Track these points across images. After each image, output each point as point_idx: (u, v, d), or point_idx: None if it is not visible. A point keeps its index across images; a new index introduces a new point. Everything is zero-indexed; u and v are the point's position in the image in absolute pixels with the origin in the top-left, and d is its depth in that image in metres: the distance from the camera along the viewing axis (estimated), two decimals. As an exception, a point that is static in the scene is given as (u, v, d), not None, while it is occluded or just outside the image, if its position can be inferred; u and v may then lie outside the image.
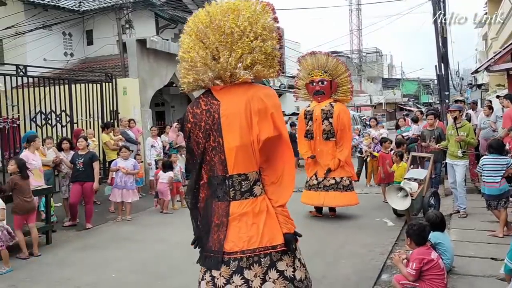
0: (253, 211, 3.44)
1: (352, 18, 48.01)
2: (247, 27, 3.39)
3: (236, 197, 3.46)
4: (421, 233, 4.17)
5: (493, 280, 4.59)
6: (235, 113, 3.42)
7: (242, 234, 3.39)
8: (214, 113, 3.43)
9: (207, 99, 3.52)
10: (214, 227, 3.47)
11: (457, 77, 37.38)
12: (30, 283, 5.35)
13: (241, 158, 3.43)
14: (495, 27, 19.45)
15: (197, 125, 3.47)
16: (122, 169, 8.31)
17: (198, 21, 3.49)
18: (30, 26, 14.63)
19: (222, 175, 3.47)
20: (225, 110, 3.42)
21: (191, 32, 3.54)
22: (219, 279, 3.36)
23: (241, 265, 3.34)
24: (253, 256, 3.36)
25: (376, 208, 8.46)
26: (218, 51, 3.42)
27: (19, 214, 6.22)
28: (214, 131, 3.43)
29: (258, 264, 3.36)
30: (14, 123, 9.11)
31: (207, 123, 3.44)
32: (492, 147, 6.26)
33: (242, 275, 3.32)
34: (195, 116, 3.50)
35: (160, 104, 17.79)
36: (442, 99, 12.16)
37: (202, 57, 3.41)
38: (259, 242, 3.38)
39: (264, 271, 3.36)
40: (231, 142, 3.40)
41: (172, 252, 6.37)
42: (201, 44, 3.46)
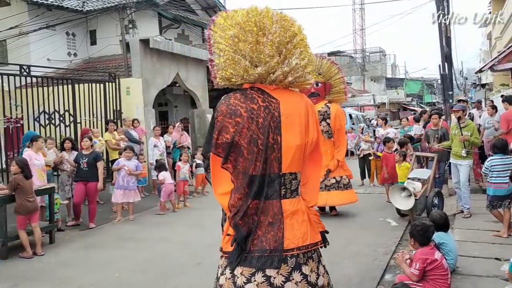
0: (301, 209, 3.53)
1: (356, 18, 47.94)
2: (303, 38, 3.58)
3: (286, 195, 3.49)
4: (425, 234, 4.16)
5: (497, 281, 4.57)
6: (295, 114, 3.49)
7: (295, 231, 3.43)
8: (274, 110, 3.42)
9: (264, 96, 3.48)
10: (267, 226, 3.43)
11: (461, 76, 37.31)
12: (33, 283, 5.35)
13: (296, 158, 3.49)
14: (499, 27, 19.39)
15: (254, 121, 3.37)
16: (125, 170, 8.31)
17: (262, 18, 3.44)
18: (34, 26, 14.68)
19: (276, 173, 3.45)
20: (285, 109, 3.44)
21: (252, 26, 3.42)
22: (277, 278, 3.33)
23: (298, 261, 3.39)
24: (307, 252, 3.45)
25: (380, 208, 8.44)
26: (287, 51, 3.47)
27: (22, 214, 6.23)
28: (273, 129, 3.40)
29: (312, 260, 3.47)
30: (18, 123, 9.14)
31: (265, 120, 3.39)
32: (496, 147, 6.23)
33: (300, 271, 3.37)
34: (251, 111, 3.39)
35: (163, 104, 17.81)
36: (446, 99, 12.11)
37: (273, 54, 3.41)
38: (309, 238, 3.47)
39: (316, 266, 3.50)
40: (291, 141, 3.43)
41: (175, 252, 6.37)
42: (268, 41, 3.41)
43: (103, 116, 10.89)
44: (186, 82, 13.30)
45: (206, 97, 14.46)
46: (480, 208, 7.18)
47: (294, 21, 3.60)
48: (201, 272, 5.40)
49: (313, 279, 3.41)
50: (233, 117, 3.37)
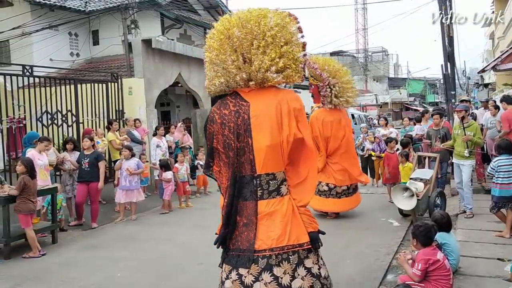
0: (280, 210, 3.52)
1: (358, 18, 47.92)
2: (278, 32, 3.52)
3: (263, 196, 3.54)
4: (427, 234, 4.15)
5: (499, 281, 4.55)
6: (265, 114, 3.52)
7: (270, 232, 3.47)
8: (244, 113, 3.51)
9: (236, 101, 3.60)
10: (242, 227, 3.53)
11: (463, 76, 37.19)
12: (36, 283, 5.36)
13: (270, 158, 3.51)
14: (502, 26, 19.33)
15: (226, 126, 3.52)
16: (126, 170, 8.32)
17: (229, 26, 3.56)
18: (37, 26, 14.71)
19: (250, 174, 3.52)
20: (254, 110, 3.51)
21: (221, 35, 3.58)
22: (247, 277, 3.43)
23: (270, 262, 3.42)
24: (282, 254, 3.45)
25: (382, 208, 8.43)
26: (251, 55, 3.52)
27: (24, 213, 6.24)
28: (243, 131, 3.49)
29: (287, 262, 3.45)
30: (20, 123, 9.15)
31: (236, 124, 3.50)
32: (501, 147, 6.21)
33: (271, 272, 3.40)
34: (223, 117, 3.55)
35: (166, 104, 17.82)
36: (448, 99, 12.10)
37: (234, 60, 3.51)
38: (287, 240, 3.47)
39: (293, 268, 3.46)
40: (261, 142, 3.48)
41: (177, 251, 6.38)
42: (232, 48, 3.54)
43: (105, 116, 10.90)
44: (188, 82, 13.31)
45: (208, 97, 14.47)
46: (482, 209, 7.16)
47: (274, 15, 3.59)
48: (203, 272, 5.41)
49: (285, 281, 3.40)
50: (212, 124, 3.61)
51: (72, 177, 8.29)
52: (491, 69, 13.76)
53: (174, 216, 8.79)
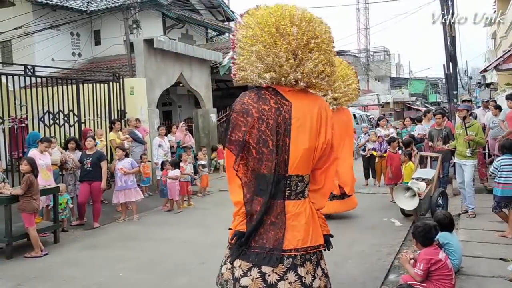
0: (305, 211, 3.56)
1: (360, 17, 47.85)
2: (326, 38, 3.56)
3: (290, 197, 3.55)
4: (426, 234, 4.14)
5: (501, 281, 4.55)
6: (307, 117, 3.50)
7: (296, 232, 3.49)
8: (285, 113, 3.46)
9: (276, 98, 3.51)
10: (269, 225, 3.52)
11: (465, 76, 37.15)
12: (38, 282, 5.37)
13: (303, 161, 3.51)
14: (504, 26, 19.29)
15: (264, 122, 3.44)
16: (121, 170, 8.33)
17: (284, 21, 3.45)
18: (39, 26, 14.75)
19: (281, 174, 3.50)
20: (296, 112, 3.47)
21: (272, 29, 3.44)
22: (271, 276, 3.43)
23: (295, 262, 3.46)
24: (305, 254, 3.50)
25: (384, 208, 8.42)
26: (303, 56, 3.46)
27: (27, 212, 6.25)
28: (282, 131, 3.44)
29: (310, 262, 3.52)
30: (23, 123, 9.18)
31: (276, 122, 3.43)
32: (505, 147, 6.20)
33: (296, 272, 3.44)
34: (262, 111, 3.45)
35: (167, 104, 17.84)
36: (450, 98, 12.07)
37: (288, 58, 3.43)
38: (310, 241, 3.52)
39: (314, 269, 3.54)
40: (299, 144, 3.46)
41: (179, 251, 6.38)
42: (286, 45, 3.43)
43: (107, 116, 10.92)
44: (190, 82, 13.32)
45: (210, 97, 14.47)
46: (484, 208, 7.15)
47: (319, 22, 3.58)
48: (205, 272, 5.40)
49: (308, 281, 3.46)
50: (245, 116, 3.45)
51: (74, 176, 8.30)
52: (493, 69, 13.74)
53: (176, 216, 8.79)
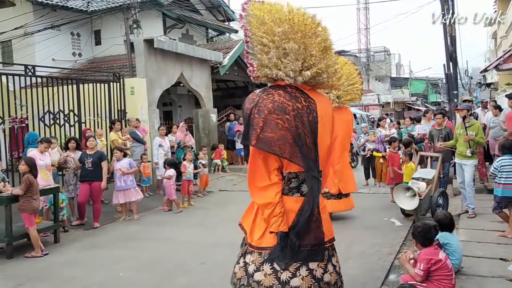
0: (325, 205, 3.78)
1: (360, 17, 47.83)
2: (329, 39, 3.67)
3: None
4: (426, 234, 4.13)
5: (501, 281, 4.54)
6: (327, 115, 3.65)
7: (326, 225, 3.66)
8: (313, 111, 3.51)
9: (304, 96, 3.52)
10: (314, 222, 3.55)
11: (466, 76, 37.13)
12: (38, 282, 5.37)
13: (325, 157, 3.67)
14: (504, 26, 19.28)
15: (300, 120, 3.41)
16: (119, 171, 8.33)
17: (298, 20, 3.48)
18: (39, 26, 14.74)
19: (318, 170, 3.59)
20: (320, 110, 3.56)
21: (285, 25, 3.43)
22: (317, 271, 3.53)
23: (329, 253, 3.64)
24: (332, 246, 3.71)
25: (384, 208, 8.42)
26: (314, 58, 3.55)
27: (28, 212, 6.25)
28: (313, 129, 3.49)
29: (335, 251, 3.76)
30: (23, 123, 9.18)
31: (308, 119, 3.45)
32: (506, 147, 6.20)
33: (331, 262, 3.63)
34: (297, 110, 3.41)
35: (168, 104, 17.83)
36: (451, 98, 12.07)
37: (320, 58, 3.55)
38: (331, 232, 3.73)
39: (325, 264, 3.63)
40: (324, 141, 3.60)
41: (179, 251, 6.38)
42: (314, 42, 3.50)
43: (108, 116, 10.92)
44: (190, 82, 13.32)
45: (210, 97, 14.47)
46: (485, 208, 7.15)
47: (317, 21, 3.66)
48: (205, 272, 5.41)
49: (318, 274, 3.56)
50: (282, 114, 3.36)
51: (75, 176, 8.30)
52: (494, 69, 13.73)
53: (176, 215, 8.79)
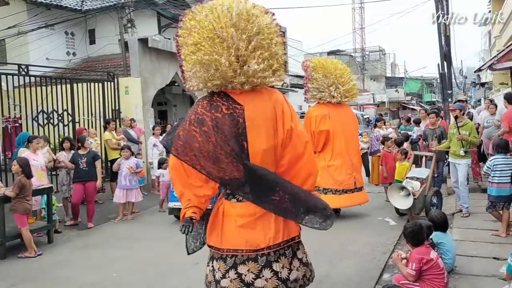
0: None
1: (355, 17, 47.90)
2: (269, 32, 3.49)
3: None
4: (416, 235, 4.14)
5: (495, 280, 4.56)
6: (261, 117, 3.48)
7: (267, 231, 3.54)
8: (239, 117, 3.43)
9: (228, 103, 3.47)
10: (239, 227, 3.55)
11: (460, 75, 37.27)
12: (31, 282, 5.35)
13: (265, 162, 3.51)
14: (498, 26, 19.36)
15: (219, 129, 3.39)
16: (130, 169, 8.31)
17: (221, 24, 3.36)
18: (33, 25, 14.67)
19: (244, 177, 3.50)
20: (250, 114, 3.45)
21: (210, 34, 3.36)
22: (283, 272, 3.55)
23: (269, 259, 3.53)
24: (279, 250, 3.57)
25: (378, 208, 8.43)
26: (246, 57, 3.42)
27: (20, 213, 6.21)
28: (239, 135, 3.42)
29: (284, 256, 3.59)
30: (16, 122, 9.14)
31: (230, 127, 3.40)
32: (500, 146, 6.22)
33: (271, 268, 3.52)
34: (216, 120, 3.40)
35: (163, 103, 17.80)
36: (445, 98, 12.11)
37: (231, 63, 3.36)
38: (282, 236, 3.58)
39: (289, 262, 3.62)
40: (257, 146, 3.46)
41: (173, 251, 6.34)
42: (227, 49, 3.36)
43: (102, 115, 10.88)
44: (185, 81, 13.27)
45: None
46: (479, 207, 7.18)
47: (261, 14, 3.51)
48: (200, 272, 5.36)
49: (284, 275, 3.55)
50: (200, 126, 3.41)
51: (69, 177, 8.26)
52: (488, 68, 13.76)
53: (171, 215, 8.75)
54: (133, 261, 5.99)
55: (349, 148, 7.93)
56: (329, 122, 7.75)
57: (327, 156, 7.80)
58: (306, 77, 7.82)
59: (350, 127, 8.11)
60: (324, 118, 7.75)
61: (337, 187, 7.66)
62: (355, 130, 8.42)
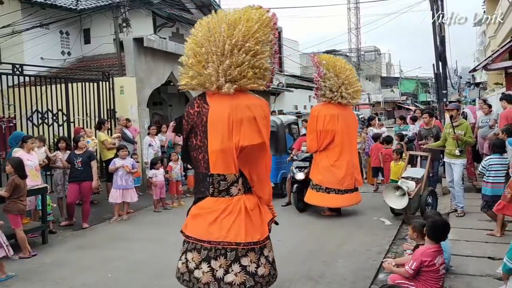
0: (226, 208, 3.82)
1: (351, 17, 47.99)
2: (239, 41, 3.71)
3: (214, 194, 3.85)
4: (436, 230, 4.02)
5: (490, 280, 4.57)
6: (219, 119, 3.77)
7: (212, 227, 3.79)
8: (203, 115, 3.81)
9: (200, 102, 3.89)
10: (193, 215, 4.00)
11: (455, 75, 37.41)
12: (26, 283, 5.32)
13: (220, 161, 3.79)
14: (493, 26, 19.42)
15: (189, 124, 3.89)
16: (127, 167, 8.29)
17: (200, 30, 3.86)
18: (27, 24, 14.56)
19: (205, 172, 3.85)
20: (212, 114, 3.78)
21: (194, 38, 3.90)
22: (251, 266, 3.77)
23: (209, 254, 3.77)
24: (220, 249, 3.76)
25: (374, 207, 8.44)
26: (208, 62, 3.78)
27: (14, 214, 6.16)
28: (202, 132, 3.81)
29: (224, 257, 3.75)
30: (11, 122, 9.08)
31: (196, 124, 3.84)
32: (496, 146, 6.24)
33: (209, 263, 3.75)
34: (188, 115, 3.89)
35: (158, 103, 17.74)
36: (440, 98, 12.15)
37: (194, 64, 3.82)
38: (224, 237, 3.76)
39: (257, 258, 3.81)
40: (214, 145, 3.78)
41: (169, 251, 6.31)
42: (198, 52, 3.83)
43: (97, 115, 10.83)
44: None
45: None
46: (473, 207, 7.20)
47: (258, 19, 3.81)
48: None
49: (252, 269, 3.77)
50: (185, 119, 3.95)
51: (64, 176, 8.22)
52: (482, 69, 13.82)
53: (166, 215, 8.75)
54: (128, 261, 5.97)
55: (351, 149, 8.04)
56: (338, 123, 7.81)
57: (332, 156, 7.85)
58: (318, 74, 7.72)
59: (353, 128, 8.25)
60: (333, 118, 7.82)
61: (339, 187, 7.73)
62: (356, 131, 8.60)
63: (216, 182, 3.83)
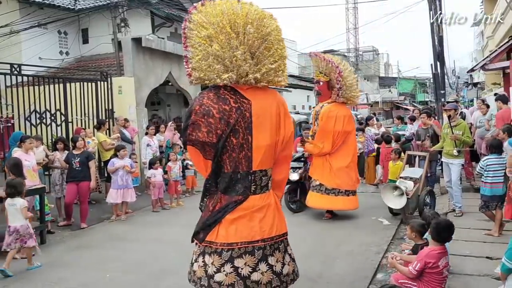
0: (270, 203, 3.74)
1: (349, 17, 47.99)
2: (277, 34, 3.66)
3: (256, 191, 3.68)
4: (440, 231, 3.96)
5: (488, 279, 4.59)
6: (266, 114, 3.65)
7: (263, 224, 3.64)
8: (246, 111, 3.56)
9: (236, 97, 3.59)
10: (232, 220, 3.60)
11: (453, 75, 37.48)
12: (24, 283, 5.31)
13: (266, 156, 3.68)
14: (491, 26, 19.47)
15: (225, 122, 3.51)
16: (127, 167, 8.31)
17: (239, 21, 3.48)
18: (25, 24, 14.54)
19: (246, 171, 3.63)
20: (256, 109, 3.60)
21: (227, 28, 3.46)
22: (277, 266, 3.62)
23: (265, 253, 3.60)
24: (273, 244, 3.66)
25: (372, 208, 8.44)
26: (260, 55, 3.57)
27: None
28: (244, 129, 3.55)
29: (278, 251, 3.68)
30: (8, 122, 9.05)
31: (236, 121, 3.53)
32: (493, 146, 6.26)
33: (267, 262, 3.58)
34: (223, 112, 3.51)
35: (156, 103, 17.73)
36: (438, 98, 12.16)
37: (246, 59, 3.50)
38: (275, 230, 3.69)
39: (283, 256, 3.71)
40: (261, 141, 3.61)
41: (167, 252, 6.34)
42: (243, 45, 3.49)
43: (95, 115, 10.81)
44: (179, 81, 13.24)
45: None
46: (471, 207, 7.22)
47: (271, 18, 3.69)
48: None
49: (278, 268, 3.63)
50: (206, 117, 3.51)
51: (62, 176, 8.21)
52: (480, 69, 13.84)
53: (164, 215, 8.75)
54: (126, 261, 5.97)
55: None
56: (352, 123, 7.93)
57: (346, 157, 7.75)
58: (339, 74, 7.52)
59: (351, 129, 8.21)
60: (350, 119, 7.90)
61: (353, 188, 7.74)
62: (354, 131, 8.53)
63: (258, 178, 3.67)
